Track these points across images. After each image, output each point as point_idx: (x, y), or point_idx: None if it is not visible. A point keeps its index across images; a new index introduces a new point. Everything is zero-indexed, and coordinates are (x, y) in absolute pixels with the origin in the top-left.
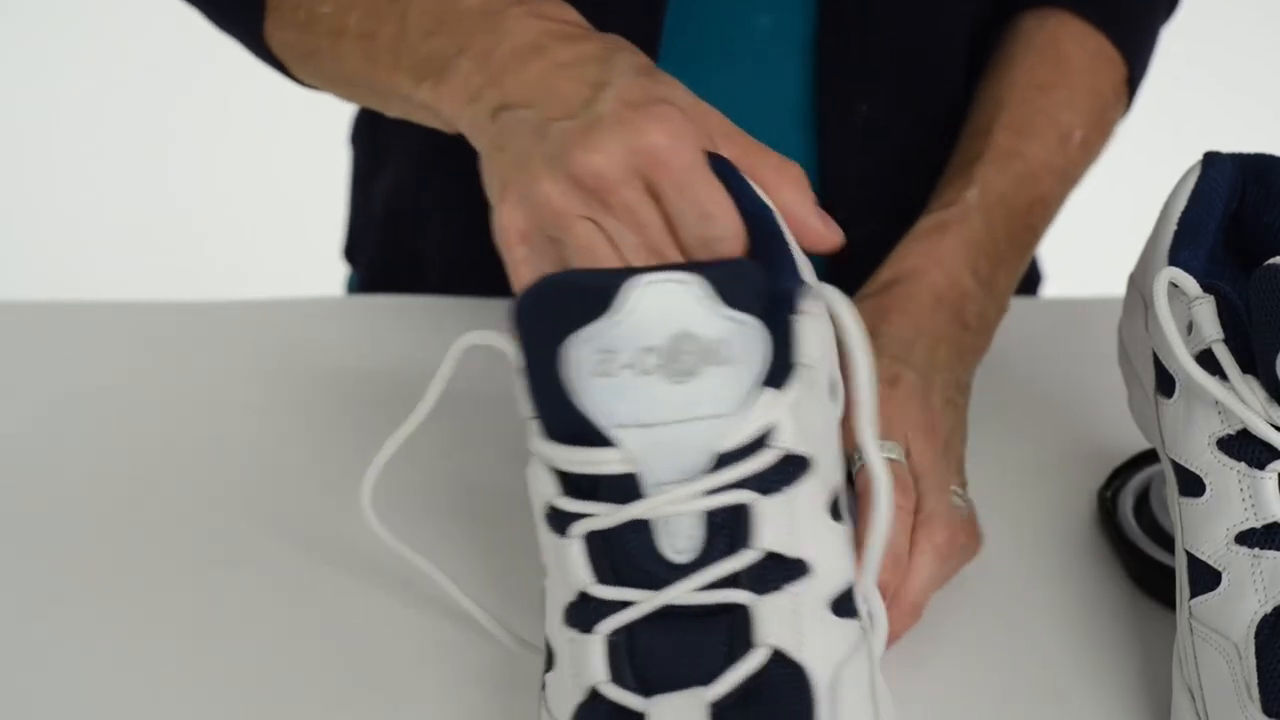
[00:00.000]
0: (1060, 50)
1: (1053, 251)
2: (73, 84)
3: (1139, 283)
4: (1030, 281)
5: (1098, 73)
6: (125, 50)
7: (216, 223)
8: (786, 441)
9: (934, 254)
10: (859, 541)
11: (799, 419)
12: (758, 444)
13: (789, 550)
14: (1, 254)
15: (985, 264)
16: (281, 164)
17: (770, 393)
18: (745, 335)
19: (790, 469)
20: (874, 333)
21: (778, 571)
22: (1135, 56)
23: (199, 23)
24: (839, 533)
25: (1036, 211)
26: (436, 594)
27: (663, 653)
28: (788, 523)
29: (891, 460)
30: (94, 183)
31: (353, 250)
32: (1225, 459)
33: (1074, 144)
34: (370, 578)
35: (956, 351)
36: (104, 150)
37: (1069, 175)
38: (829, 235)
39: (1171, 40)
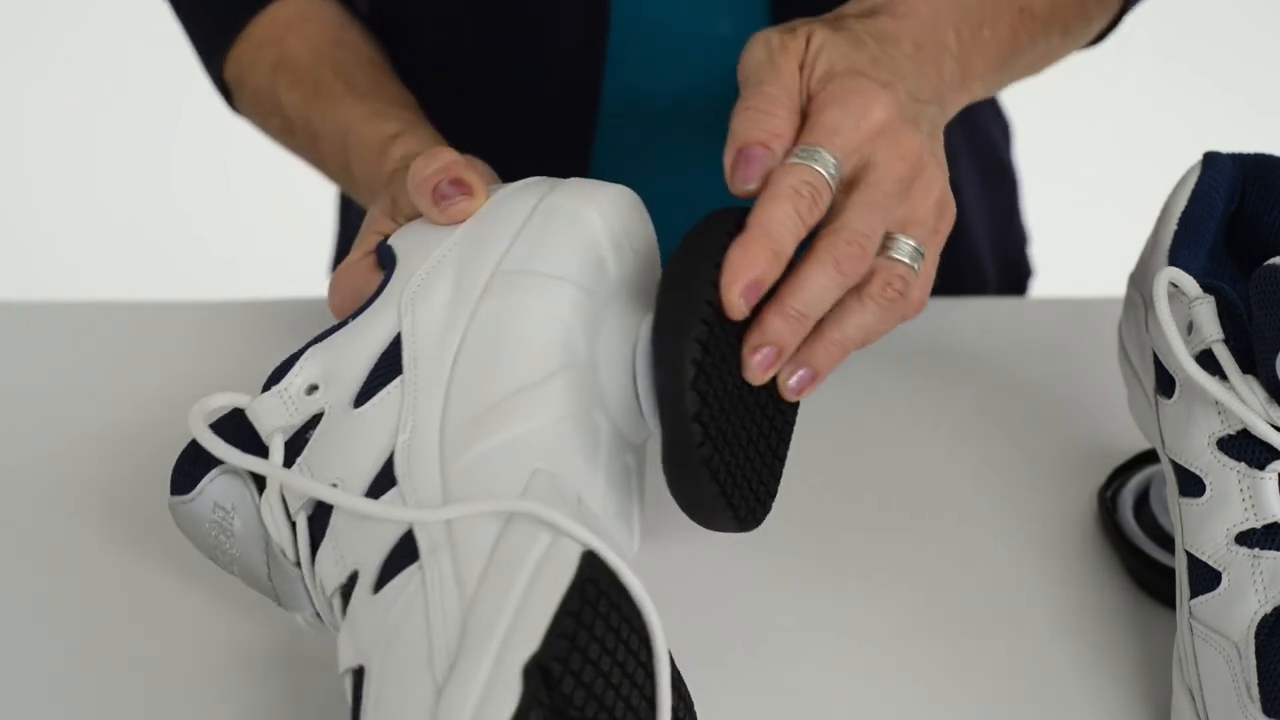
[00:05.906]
0: None
1: (1051, 252)
2: (73, 84)
3: (1139, 283)
4: (1019, 275)
5: None
6: (125, 50)
7: (216, 223)
8: None
9: None
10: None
11: None
12: None
13: None
14: (1, 254)
15: (968, 31)
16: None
17: None
18: None
19: None
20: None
21: None
22: None
23: None
24: None
25: (1024, 20)
26: None
27: None
28: None
29: (815, 171)
30: (94, 183)
31: None
32: (1225, 459)
33: None
34: None
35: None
36: (104, 150)
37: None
38: None
39: (1172, 41)
